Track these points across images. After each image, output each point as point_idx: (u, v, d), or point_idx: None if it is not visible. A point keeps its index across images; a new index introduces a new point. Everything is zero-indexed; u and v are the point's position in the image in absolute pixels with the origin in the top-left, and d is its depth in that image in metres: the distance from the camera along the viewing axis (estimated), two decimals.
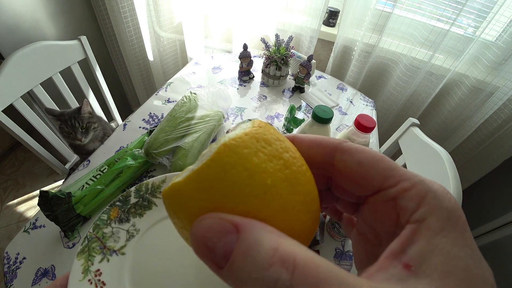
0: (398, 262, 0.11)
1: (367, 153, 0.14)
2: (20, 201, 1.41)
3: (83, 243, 0.24)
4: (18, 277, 0.47)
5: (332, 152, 0.15)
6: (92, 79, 1.01)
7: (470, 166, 1.20)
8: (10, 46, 0.96)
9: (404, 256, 0.11)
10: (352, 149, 0.15)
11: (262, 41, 0.92)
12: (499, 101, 0.96)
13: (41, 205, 0.48)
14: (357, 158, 0.14)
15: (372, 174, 0.14)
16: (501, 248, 0.99)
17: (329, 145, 0.15)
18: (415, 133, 0.78)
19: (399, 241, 0.12)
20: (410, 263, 0.11)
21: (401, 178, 0.13)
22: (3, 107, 0.74)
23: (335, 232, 0.55)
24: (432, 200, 0.12)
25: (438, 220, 0.11)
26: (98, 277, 0.22)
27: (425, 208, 0.12)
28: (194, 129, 0.65)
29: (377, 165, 0.14)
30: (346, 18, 1.07)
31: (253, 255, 0.10)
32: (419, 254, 0.11)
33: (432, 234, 0.11)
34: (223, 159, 0.12)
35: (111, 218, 0.26)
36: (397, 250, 0.11)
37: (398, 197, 0.13)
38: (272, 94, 0.96)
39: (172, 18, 1.38)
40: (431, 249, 0.11)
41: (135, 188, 0.28)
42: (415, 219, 0.12)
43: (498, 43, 0.94)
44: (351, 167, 0.14)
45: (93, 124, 0.83)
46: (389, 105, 1.21)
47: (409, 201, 0.12)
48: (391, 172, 0.13)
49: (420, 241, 0.11)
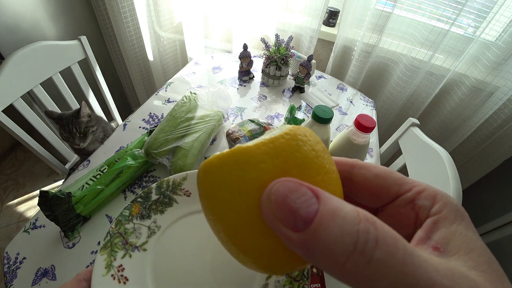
0: (427, 246, 0.13)
1: (381, 167, 0.17)
2: (20, 201, 1.41)
3: (105, 238, 0.24)
4: (18, 277, 0.47)
5: (350, 169, 0.17)
6: (92, 79, 1.01)
7: (470, 166, 1.20)
8: (10, 46, 0.96)
9: (430, 241, 0.13)
10: (368, 165, 0.17)
11: (262, 41, 0.92)
12: (499, 101, 0.96)
13: (41, 205, 0.48)
14: (374, 172, 0.17)
15: (389, 184, 0.16)
16: (501, 248, 0.99)
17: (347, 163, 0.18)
18: (415, 133, 0.78)
19: (424, 230, 0.14)
20: (438, 246, 0.13)
21: (413, 184, 0.16)
22: (3, 107, 0.74)
23: None
24: (442, 197, 0.14)
25: (451, 212, 0.14)
26: (121, 272, 0.22)
27: (438, 203, 0.14)
28: (194, 129, 0.65)
29: (392, 175, 0.16)
30: (346, 18, 1.07)
31: (342, 215, 0.11)
32: (444, 238, 0.13)
33: (450, 222, 0.13)
34: (297, 135, 0.14)
35: (133, 214, 0.26)
36: (424, 237, 0.13)
37: (415, 198, 0.15)
38: (272, 94, 0.96)
39: (172, 18, 1.38)
40: (452, 233, 0.13)
41: (156, 185, 0.28)
42: (433, 212, 0.14)
43: (498, 43, 0.94)
44: (370, 179, 0.17)
45: (92, 128, 0.82)
46: (389, 105, 1.21)
47: (425, 200, 0.15)
48: (404, 180, 0.16)
49: (442, 228, 0.13)
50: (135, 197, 0.27)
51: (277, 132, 0.14)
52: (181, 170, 0.59)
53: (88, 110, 0.81)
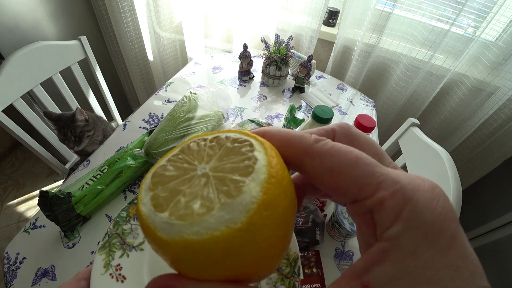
0: (356, 282, 0.10)
1: (341, 155, 0.12)
2: (20, 201, 1.41)
3: (104, 239, 0.25)
4: (18, 277, 0.47)
5: (301, 156, 0.13)
6: (92, 79, 1.01)
7: (470, 166, 1.20)
8: (10, 46, 0.96)
9: (366, 277, 0.10)
10: (324, 152, 0.13)
11: (262, 41, 0.92)
12: (499, 101, 0.96)
13: (41, 205, 0.48)
14: (328, 164, 0.12)
15: (346, 184, 0.12)
16: (501, 248, 0.99)
17: (298, 147, 0.13)
18: (415, 133, 0.78)
19: (364, 260, 0.11)
20: (369, 285, 0.10)
21: (379, 186, 0.11)
22: (3, 107, 0.74)
23: (335, 232, 0.55)
24: (410, 213, 0.10)
25: (413, 238, 0.10)
26: (119, 271, 0.23)
27: (399, 225, 0.10)
28: (194, 129, 0.65)
29: (352, 171, 0.12)
30: (346, 18, 1.07)
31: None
32: (384, 276, 0.10)
33: (403, 255, 0.10)
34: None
35: (130, 215, 0.27)
36: (361, 270, 0.11)
37: (374, 209, 0.11)
38: (272, 94, 0.96)
39: (172, 18, 1.38)
40: (399, 272, 0.10)
41: None
42: (387, 237, 0.10)
43: (498, 43, 0.94)
44: (323, 175, 0.12)
45: (87, 133, 0.81)
46: (389, 105, 1.21)
47: (384, 216, 0.11)
48: (367, 180, 0.11)
49: (387, 262, 0.10)
50: (132, 199, 0.27)
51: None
52: None
53: (84, 116, 0.80)
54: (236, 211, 0.11)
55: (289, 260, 0.24)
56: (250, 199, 0.11)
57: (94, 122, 0.85)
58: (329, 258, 0.55)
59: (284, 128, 0.15)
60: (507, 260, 0.95)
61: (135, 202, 0.27)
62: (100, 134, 0.86)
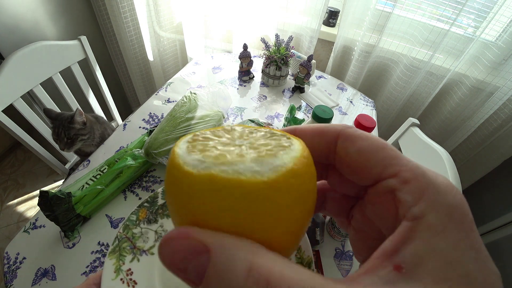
0: (389, 263, 0.10)
1: (370, 140, 0.13)
2: (20, 201, 1.41)
3: (113, 243, 0.24)
4: (18, 277, 0.47)
5: (335, 140, 0.14)
6: (92, 79, 1.01)
7: (470, 166, 1.20)
8: (10, 46, 0.96)
9: (397, 257, 0.10)
10: (355, 135, 0.14)
11: (262, 41, 0.92)
12: (499, 101, 0.96)
13: (41, 205, 0.48)
14: (358, 145, 0.13)
15: (372, 163, 0.13)
16: (501, 248, 0.99)
17: (331, 133, 0.15)
18: (415, 133, 0.78)
19: (393, 239, 0.11)
20: (402, 265, 0.10)
21: (403, 168, 0.12)
22: (3, 107, 0.74)
23: (335, 232, 0.55)
24: (433, 194, 0.11)
25: (439, 218, 0.10)
26: (130, 276, 0.23)
27: (425, 203, 0.11)
28: (194, 129, 0.65)
29: (378, 153, 0.13)
30: (346, 18, 1.07)
31: (227, 278, 0.09)
32: (414, 256, 0.10)
33: (431, 234, 0.10)
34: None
35: (140, 218, 0.26)
36: (390, 250, 0.11)
37: (397, 188, 0.12)
38: (272, 94, 0.96)
39: (172, 18, 1.38)
40: (429, 251, 0.10)
41: (162, 189, 0.28)
42: (412, 215, 0.11)
43: (498, 43, 0.94)
44: (351, 155, 0.14)
45: (82, 136, 0.79)
46: (389, 105, 1.21)
47: (408, 194, 0.11)
48: (392, 161, 0.12)
49: (417, 241, 0.10)
50: (141, 202, 0.27)
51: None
52: None
53: (83, 118, 0.78)
54: (266, 167, 0.11)
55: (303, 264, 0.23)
56: (280, 163, 0.12)
57: (91, 126, 0.83)
58: (329, 258, 0.55)
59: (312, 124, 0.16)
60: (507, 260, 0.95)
61: (145, 205, 0.27)
62: (96, 138, 0.84)
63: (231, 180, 0.11)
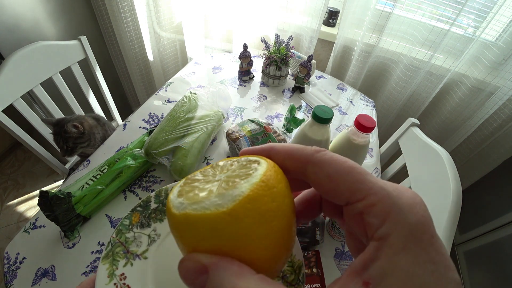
0: (359, 279, 0.11)
1: (337, 164, 0.14)
2: (20, 201, 1.41)
3: (107, 248, 0.24)
4: (18, 277, 0.47)
5: (305, 165, 0.16)
6: (92, 79, 1.01)
7: (470, 166, 1.20)
8: (10, 46, 0.96)
9: (365, 273, 0.11)
10: (323, 161, 0.15)
11: (262, 41, 0.92)
12: (499, 101, 0.96)
13: (41, 205, 0.48)
14: (326, 171, 0.14)
15: (341, 189, 0.14)
16: (501, 248, 0.99)
17: (302, 158, 0.16)
18: (415, 133, 0.78)
19: (362, 258, 0.12)
20: (370, 281, 0.11)
21: (369, 192, 0.13)
22: (3, 107, 0.74)
23: (335, 232, 0.55)
24: (396, 215, 0.12)
25: (400, 237, 0.11)
26: (123, 280, 0.23)
27: (388, 224, 0.12)
28: (194, 129, 0.65)
29: (347, 177, 0.14)
30: (346, 18, 1.07)
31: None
32: (380, 272, 0.11)
33: (394, 252, 0.11)
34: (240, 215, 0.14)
35: (133, 223, 0.27)
36: (360, 267, 0.12)
37: (364, 212, 0.13)
38: (272, 94, 0.96)
39: (172, 18, 1.38)
40: (391, 267, 0.11)
41: (155, 193, 0.28)
42: (378, 236, 0.12)
43: (498, 43, 0.94)
44: (321, 180, 0.15)
45: (81, 145, 0.79)
46: (389, 105, 1.21)
47: (374, 218, 0.12)
48: (359, 186, 0.13)
49: (382, 259, 0.11)
50: (134, 206, 0.27)
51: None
52: (181, 170, 0.59)
53: (77, 130, 0.77)
54: (226, 199, 0.14)
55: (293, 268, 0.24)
56: (238, 193, 0.14)
57: (90, 132, 0.82)
58: (329, 258, 0.55)
59: (288, 143, 0.18)
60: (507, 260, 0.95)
61: (138, 209, 0.27)
62: (98, 141, 0.84)
63: (199, 216, 0.14)
